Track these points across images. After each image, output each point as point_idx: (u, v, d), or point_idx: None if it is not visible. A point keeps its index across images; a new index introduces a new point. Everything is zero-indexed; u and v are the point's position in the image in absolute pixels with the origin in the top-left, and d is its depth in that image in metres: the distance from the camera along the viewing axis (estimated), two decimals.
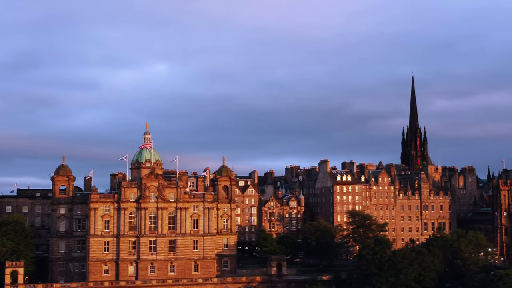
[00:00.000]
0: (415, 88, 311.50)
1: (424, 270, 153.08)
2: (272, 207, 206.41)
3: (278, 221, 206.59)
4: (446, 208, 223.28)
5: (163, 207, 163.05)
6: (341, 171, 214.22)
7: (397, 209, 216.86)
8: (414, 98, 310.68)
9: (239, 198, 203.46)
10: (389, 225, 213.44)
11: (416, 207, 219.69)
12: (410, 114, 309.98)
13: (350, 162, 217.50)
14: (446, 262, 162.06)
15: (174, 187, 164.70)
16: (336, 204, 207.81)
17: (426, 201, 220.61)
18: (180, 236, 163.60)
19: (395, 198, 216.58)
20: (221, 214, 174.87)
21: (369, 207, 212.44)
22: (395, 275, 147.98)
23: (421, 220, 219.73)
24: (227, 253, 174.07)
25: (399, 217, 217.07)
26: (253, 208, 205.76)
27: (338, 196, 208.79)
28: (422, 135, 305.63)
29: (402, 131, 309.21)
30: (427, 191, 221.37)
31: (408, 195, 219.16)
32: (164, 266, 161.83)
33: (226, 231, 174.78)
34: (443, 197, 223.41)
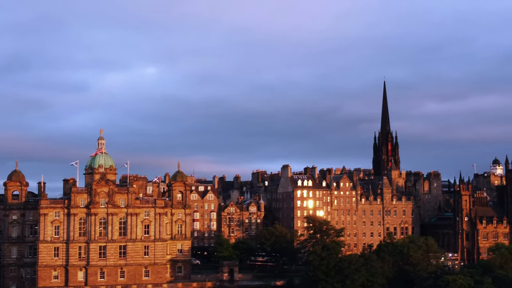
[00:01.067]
0: (387, 93, 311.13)
1: (372, 276, 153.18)
2: (232, 212, 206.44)
3: (238, 226, 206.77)
4: (408, 213, 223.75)
5: (114, 213, 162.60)
6: (302, 176, 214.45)
7: (358, 214, 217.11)
8: (385, 102, 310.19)
9: (198, 203, 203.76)
10: (351, 230, 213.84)
11: (378, 212, 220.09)
12: (381, 119, 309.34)
13: (312, 167, 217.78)
14: (396, 268, 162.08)
15: (125, 192, 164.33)
16: (297, 209, 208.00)
17: (388, 206, 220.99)
18: (130, 242, 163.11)
19: (356, 203, 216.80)
20: (175, 219, 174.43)
21: (330, 212, 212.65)
22: (341, 281, 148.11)
23: (383, 225, 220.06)
24: (181, 259, 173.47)
25: (361, 222, 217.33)
26: (212, 213, 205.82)
27: (299, 201, 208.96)
28: (393, 139, 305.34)
29: (374, 135, 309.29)
30: (389, 196, 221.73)
31: (370, 200, 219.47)
32: (114, 272, 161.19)
33: (181, 237, 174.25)
34: (406, 202, 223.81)
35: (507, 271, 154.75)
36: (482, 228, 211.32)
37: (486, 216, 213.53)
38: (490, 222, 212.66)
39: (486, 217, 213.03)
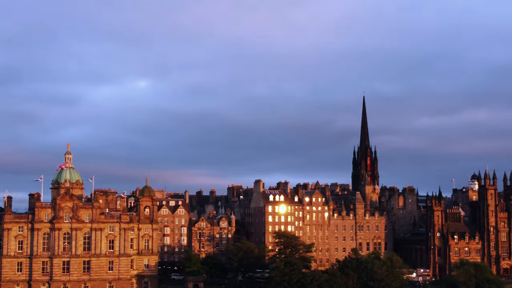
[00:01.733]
0: (366, 108, 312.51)
1: None
2: (202, 227, 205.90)
3: (208, 241, 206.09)
4: (381, 228, 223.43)
5: (78, 228, 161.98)
6: (274, 191, 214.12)
7: (331, 229, 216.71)
8: (365, 117, 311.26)
9: (169, 218, 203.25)
10: (323, 245, 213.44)
11: (351, 227, 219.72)
12: (361, 134, 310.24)
13: (284, 182, 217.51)
14: (361, 284, 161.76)
15: (89, 207, 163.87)
16: (268, 224, 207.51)
17: (361, 222, 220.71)
18: (94, 257, 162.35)
19: (329, 218, 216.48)
20: (142, 234, 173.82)
21: (302, 227, 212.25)
22: None
23: (356, 241, 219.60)
24: (147, 274, 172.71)
25: (333, 237, 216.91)
26: (183, 228, 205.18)
27: (270, 216, 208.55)
28: (372, 154, 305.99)
29: (353, 150, 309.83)
30: (362, 211, 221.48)
31: (342, 215, 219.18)
32: (78, 287, 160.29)
33: (148, 252, 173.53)
34: (379, 218, 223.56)
35: (470, 287, 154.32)
36: (454, 243, 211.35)
37: (459, 232, 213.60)
38: (462, 238, 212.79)
39: (459, 233, 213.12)
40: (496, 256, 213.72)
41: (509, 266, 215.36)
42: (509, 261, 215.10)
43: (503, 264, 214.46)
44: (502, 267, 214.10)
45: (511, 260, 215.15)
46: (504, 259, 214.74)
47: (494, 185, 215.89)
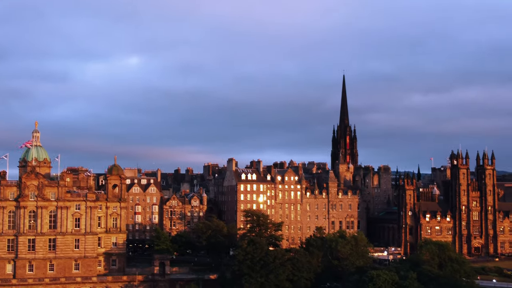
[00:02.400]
0: (346, 87, 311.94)
1: (298, 271, 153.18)
2: (174, 205, 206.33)
3: (180, 220, 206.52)
4: (354, 207, 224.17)
5: (43, 206, 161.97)
6: (246, 169, 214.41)
7: (303, 208, 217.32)
8: (345, 96, 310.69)
9: (140, 196, 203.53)
10: (295, 224, 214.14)
11: (324, 206, 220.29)
12: (340, 112, 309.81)
13: (257, 161, 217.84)
14: (325, 263, 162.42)
15: (55, 186, 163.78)
16: (240, 203, 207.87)
17: (333, 200, 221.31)
18: (60, 235, 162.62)
19: (301, 196, 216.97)
20: (110, 212, 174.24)
21: (274, 206, 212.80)
22: (265, 275, 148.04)
23: (329, 219, 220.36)
24: (115, 252, 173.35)
25: (306, 216, 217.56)
26: (154, 206, 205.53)
27: (242, 195, 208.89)
28: (352, 133, 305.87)
29: (333, 129, 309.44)
30: (335, 190, 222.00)
31: (315, 194, 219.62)
32: (43, 265, 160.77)
33: (116, 230, 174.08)
34: (352, 196, 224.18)
35: (433, 266, 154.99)
36: (426, 222, 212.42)
37: (431, 211, 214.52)
38: (434, 217, 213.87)
39: (430, 212, 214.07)
40: (468, 235, 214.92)
41: (481, 245, 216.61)
42: (480, 240, 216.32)
43: (475, 243, 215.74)
44: (473, 245, 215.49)
45: (482, 239, 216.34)
46: (476, 238, 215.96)
47: (466, 165, 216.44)
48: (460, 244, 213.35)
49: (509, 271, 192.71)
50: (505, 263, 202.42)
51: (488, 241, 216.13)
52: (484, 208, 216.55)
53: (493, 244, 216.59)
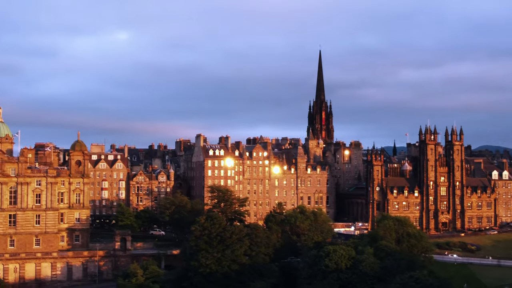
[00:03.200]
0: (322, 63, 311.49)
1: (256, 246, 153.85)
2: (140, 181, 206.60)
3: (147, 195, 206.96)
4: (323, 182, 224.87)
5: (3, 182, 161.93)
6: (215, 145, 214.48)
7: (272, 184, 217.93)
8: (321, 72, 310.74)
9: (107, 172, 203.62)
10: (263, 199, 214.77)
11: (293, 181, 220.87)
12: (316, 88, 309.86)
13: (225, 137, 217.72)
14: (284, 238, 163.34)
15: (15, 162, 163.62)
16: (207, 179, 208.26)
17: (302, 176, 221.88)
18: (20, 211, 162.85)
19: (269, 172, 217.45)
20: (73, 188, 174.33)
21: (242, 181, 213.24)
22: (222, 251, 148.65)
23: (297, 195, 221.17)
24: (78, 227, 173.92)
25: (274, 191, 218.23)
26: (121, 182, 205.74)
27: (210, 171, 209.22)
28: (328, 108, 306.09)
29: (309, 104, 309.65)
30: (303, 166, 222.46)
31: (284, 170, 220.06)
32: (3, 240, 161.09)
33: (79, 206, 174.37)
34: (321, 172, 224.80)
35: (390, 241, 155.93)
36: (393, 198, 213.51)
37: (398, 186, 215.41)
38: (401, 192, 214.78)
39: (398, 187, 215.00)
40: (435, 210, 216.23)
41: (448, 220, 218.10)
42: (448, 215, 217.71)
43: (442, 218, 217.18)
44: (441, 221, 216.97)
45: (450, 214, 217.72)
46: (443, 213, 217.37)
47: (435, 140, 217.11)
48: (427, 219, 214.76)
49: (473, 246, 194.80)
50: (471, 238, 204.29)
51: (455, 217, 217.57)
52: (452, 184, 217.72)
53: (460, 219, 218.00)
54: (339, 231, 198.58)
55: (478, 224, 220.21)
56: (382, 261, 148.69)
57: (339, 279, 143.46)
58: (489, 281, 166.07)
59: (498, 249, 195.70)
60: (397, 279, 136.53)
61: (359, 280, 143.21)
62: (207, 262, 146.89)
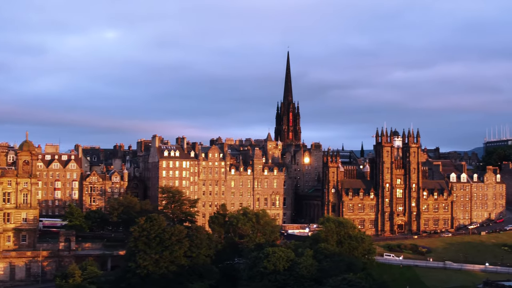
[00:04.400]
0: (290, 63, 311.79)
1: (196, 247, 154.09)
2: (94, 181, 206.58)
3: (100, 196, 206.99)
4: (280, 184, 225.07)
5: None
6: (170, 146, 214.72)
7: (227, 185, 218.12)
8: (289, 73, 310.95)
9: (60, 172, 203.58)
10: (219, 200, 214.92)
11: (249, 183, 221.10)
12: (284, 89, 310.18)
13: (181, 137, 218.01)
14: (227, 240, 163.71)
15: None
16: (162, 179, 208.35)
17: (259, 177, 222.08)
18: None
19: (225, 173, 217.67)
20: (20, 188, 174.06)
21: (197, 182, 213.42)
22: (160, 252, 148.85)
23: (253, 196, 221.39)
24: (25, 228, 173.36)
25: (230, 192, 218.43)
26: (74, 182, 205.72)
27: (164, 171, 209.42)
28: (295, 110, 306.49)
29: (277, 105, 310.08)
30: (260, 167, 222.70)
31: (240, 171, 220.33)
32: None
33: (26, 206, 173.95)
34: (278, 173, 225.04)
35: (330, 243, 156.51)
36: (348, 199, 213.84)
37: (354, 188, 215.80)
38: (356, 194, 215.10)
39: (353, 189, 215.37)
40: (390, 212, 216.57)
41: (404, 222, 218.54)
42: (403, 217, 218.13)
43: (398, 221, 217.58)
44: (396, 223, 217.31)
45: (405, 217, 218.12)
46: (399, 216, 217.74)
47: (391, 143, 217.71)
48: (382, 221, 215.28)
49: (424, 248, 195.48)
50: (424, 241, 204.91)
51: (411, 219, 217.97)
52: (408, 186, 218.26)
53: (416, 221, 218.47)
54: (293, 233, 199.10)
55: (434, 227, 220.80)
56: (321, 263, 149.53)
57: (276, 281, 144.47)
58: (433, 283, 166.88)
59: (449, 251, 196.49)
60: (330, 281, 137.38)
61: (295, 282, 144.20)
62: (145, 263, 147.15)
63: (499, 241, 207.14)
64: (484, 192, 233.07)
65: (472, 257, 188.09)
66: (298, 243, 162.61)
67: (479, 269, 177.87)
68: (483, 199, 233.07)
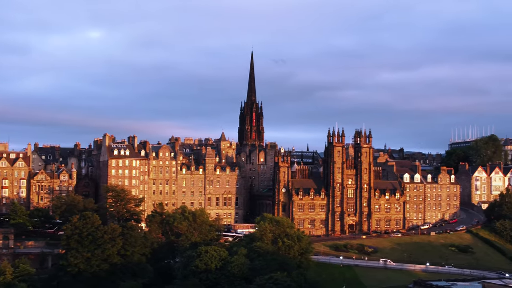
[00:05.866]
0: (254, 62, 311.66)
1: (130, 246, 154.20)
2: (42, 180, 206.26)
3: (48, 194, 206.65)
4: (233, 183, 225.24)
5: None
6: (120, 145, 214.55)
7: (179, 184, 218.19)
8: (252, 72, 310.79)
9: (8, 170, 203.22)
10: (169, 200, 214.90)
11: (201, 182, 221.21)
12: (248, 89, 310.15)
13: (132, 136, 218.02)
14: (164, 238, 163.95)
15: None
16: (111, 178, 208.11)
17: (211, 177, 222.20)
18: None
19: (176, 173, 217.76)
20: None
21: (147, 181, 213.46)
22: (92, 250, 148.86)
23: (205, 195, 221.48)
24: None
25: (181, 192, 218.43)
26: (22, 180, 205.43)
27: (114, 170, 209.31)
28: (258, 110, 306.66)
29: (240, 105, 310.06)
30: (212, 166, 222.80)
31: (191, 170, 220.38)
32: None
33: None
34: (230, 173, 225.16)
35: (265, 242, 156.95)
36: (298, 199, 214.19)
37: (304, 188, 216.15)
38: (307, 194, 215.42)
39: (304, 189, 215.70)
40: (341, 212, 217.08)
41: (355, 223, 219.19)
42: (354, 217, 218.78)
43: (348, 220, 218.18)
44: (347, 223, 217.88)
45: (356, 217, 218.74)
46: (350, 216, 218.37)
47: (342, 142, 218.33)
48: (332, 221, 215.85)
49: (370, 248, 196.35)
50: (372, 240, 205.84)
51: (362, 219, 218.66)
52: (359, 186, 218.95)
53: (367, 221, 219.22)
54: (242, 232, 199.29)
55: (386, 227, 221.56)
56: (252, 262, 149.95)
57: (207, 280, 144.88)
58: (371, 283, 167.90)
59: (396, 251, 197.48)
60: (257, 280, 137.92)
61: (226, 280, 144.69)
62: (76, 261, 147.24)
63: (448, 241, 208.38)
64: (438, 193, 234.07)
65: (418, 257, 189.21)
66: (236, 242, 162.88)
67: (420, 269, 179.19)
68: (437, 199, 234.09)
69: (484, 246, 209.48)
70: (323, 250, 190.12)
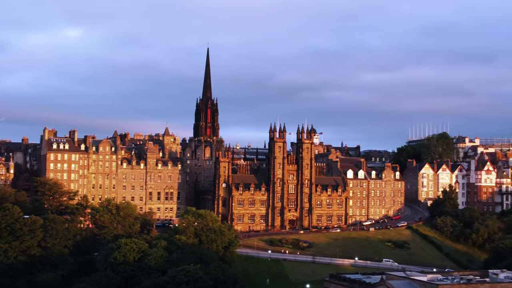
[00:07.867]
0: (209, 59, 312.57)
1: (51, 238, 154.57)
2: None
3: None
4: (175, 178, 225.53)
5: None
6: (60, 139, 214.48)
7: (119, 179, 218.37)
8: (208, 69, 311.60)
9: None
10: (109, 194, 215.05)
11: (142, 177, 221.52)
12: (203, 85, 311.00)
13: (73, 131, 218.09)
14: (88, 231, 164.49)
15: None
16: (49, 172, 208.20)
17: (152, 171, 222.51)
18: None
19: (117, 167, 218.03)
20: None
21: (86, 175, 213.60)
22: (10, 242, 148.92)
23: (146, 190, 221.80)
24: None
25: (121, 186, 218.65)
26: None
27: (52, 164, 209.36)
28: (213, 106, 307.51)
29: (196, 102, 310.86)
30: (154, 161, 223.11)
31: (132, 165, 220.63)
32: None
33: None
34: (172, 168, 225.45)
35: (187, 235, 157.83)
36: (238, 194, 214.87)
37: (245, 183, 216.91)
38: (247, 189, 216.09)
39: (244, 184, 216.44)
40: (281, 207, 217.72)
41: (295, 218, 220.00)
42: (295, 212, 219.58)
43: (289, 216, 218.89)
44: (288, 218, 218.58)
45: (297, 212, 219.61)
46: (290, 211, 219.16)
47: (283, 138, 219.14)
48: (272, 216, 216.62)
49: (305, 243, 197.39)
50: (309, 235, 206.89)
51: (302, 214, 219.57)
52: (300, 182, 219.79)
53: (308, 217, 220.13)
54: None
55: (328, 223, 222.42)
56: (170, 255, 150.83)
57: (125, 272, 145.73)
58: (296, 277, 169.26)
59: (332, 246, 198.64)
60: (169, 272, 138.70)
61: (143, 272, 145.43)
62: None
63: (386, 237, 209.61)
64: (382, 189, 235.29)
65: (353, 253, 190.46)
66: (160, 235, 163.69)
67: (348, 263, 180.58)
68: (381, 196, 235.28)
69: (422, 241, 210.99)
70: (256, 244, 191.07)
